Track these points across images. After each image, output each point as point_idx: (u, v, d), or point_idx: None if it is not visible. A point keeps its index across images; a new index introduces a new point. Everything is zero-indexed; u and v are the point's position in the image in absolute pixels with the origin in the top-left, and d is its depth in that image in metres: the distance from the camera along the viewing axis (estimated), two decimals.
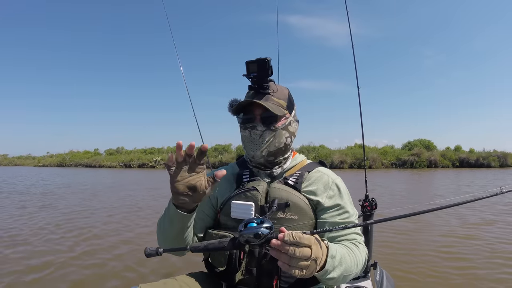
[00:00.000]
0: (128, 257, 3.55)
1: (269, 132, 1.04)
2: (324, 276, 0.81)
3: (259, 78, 1.04)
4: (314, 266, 0.74)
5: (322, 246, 0.78)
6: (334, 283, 0.88)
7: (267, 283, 1.00)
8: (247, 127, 1.06)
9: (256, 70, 1.03)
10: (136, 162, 32.73)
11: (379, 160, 24.15)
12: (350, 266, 0.89)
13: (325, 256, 0.80)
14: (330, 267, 0.81)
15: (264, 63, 1.01)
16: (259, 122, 1.04)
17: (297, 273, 0.71)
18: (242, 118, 1.07)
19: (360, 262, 0.95)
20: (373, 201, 1.97)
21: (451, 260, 3.33)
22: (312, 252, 0.73)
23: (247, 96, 1.09)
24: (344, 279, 0.89)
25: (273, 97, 1.05)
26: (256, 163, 1.10)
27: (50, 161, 40.55)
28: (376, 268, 1.79)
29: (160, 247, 0.80)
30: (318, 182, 1.07)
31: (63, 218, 5.67)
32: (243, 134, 1.09)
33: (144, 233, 4.62)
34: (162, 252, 0.79)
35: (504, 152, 24.78)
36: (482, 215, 5.59)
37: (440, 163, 24.13)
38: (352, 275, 0.91)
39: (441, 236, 4.26)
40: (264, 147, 1.04)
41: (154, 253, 0.78)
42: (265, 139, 1.04)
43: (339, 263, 0.84)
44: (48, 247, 3.93)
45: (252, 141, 1.05)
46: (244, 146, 1.10)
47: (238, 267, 1.00)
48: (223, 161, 26.88)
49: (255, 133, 1.04)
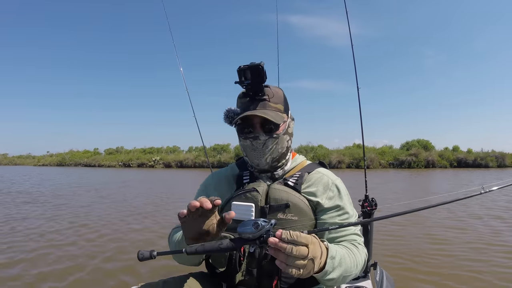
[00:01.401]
0: (128, 256, 3.55)
1: (272, 140, 1.03)
2: (324, 277, 0.81)
3: (253, 85, 0.99)
4: (312, 266, 0.74)
5: (321, 246, 0.78)
6: (333, 284, 0.88)
7: (267, 283, 0.99)
8: (248, 137, 1.03)
9: (249, 77, 0.97)
10: (135, 161, 32.76)
11: (377, 160, 24.22)
12: (350, 267, 0.89)
13: (325, 257, 0.79)
14: (330, 268, 0.81)
15: (258, 69, 0.95)
16: (260, 131, 1.02)
17: (294, 273, 0.71)
18: (241, 127, 1.05)
19: (360, 263, 0.95)
20: (373, 201, 1.97)
21: (452, 260, 3.33)
22: (309, 251, 0.72)
23: (242, 104, 1.05)
24: (343, 279, 0.89)
25: (270, 103, 1.02)
26: (260, 170, 1.09)
27: (50, 161, 40.62)
28: (376, 268, 1.79)
29: (154, 250, 0.76)
30: (318, 183, 1.07)
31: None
32: (243, 143, 1.06)
33: (143, 232, 4.62)
34: (156, 256, 0.75)
35: (502, 153, 24.89)
36: (489, 218, 5.59)
37: (438, 163, 24.22)
38: (351, 275, 0.91)
39: (441, 237, 4.27)
40: (267, 154, 1.03)
41: (147, 256, 0.74)
42: (268, 147, 1.03)
43: (338, 264, 0.84)
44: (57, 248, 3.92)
45: (254, 150, 1.03)
46: (245, 154, 1.08)
47: (239, 267, 1.00)
48: (221, 160, 26.87)
49: (258, 142, 1.02)
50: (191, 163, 29.85)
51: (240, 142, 1.08)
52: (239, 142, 1.09)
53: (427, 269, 3.08)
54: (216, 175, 1.20)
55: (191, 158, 30.28)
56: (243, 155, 1.10)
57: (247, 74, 0.97)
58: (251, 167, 1.12)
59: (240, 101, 1.06)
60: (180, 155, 32.55)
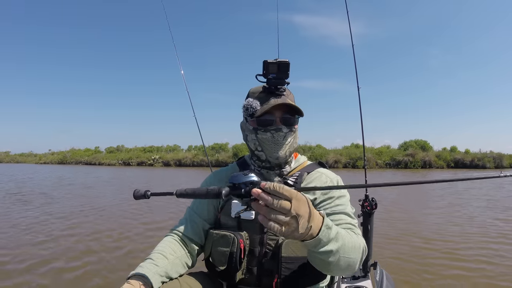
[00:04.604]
0: (127, 256, 3.53)
1: (291, 133, 1.06)
2: (318, 247, 0.75)
3: (278, 79, 1.03)
4: (295, 225, 0.66)
5: (311, 208, 0.70)
6: (332, 264, 0.80)
7: (267, 282, 1.00)
8: (269, 130, 1.04)
9: (276, 71, 1.01)
10: (135, 160, 32.87)
11: (373, 160, 24.26)
12: (348, 246, 0.82)
13: (319, 224, 0.73)
14: (325, 238, 0.74)
15: (286, 65, 1.00)
16: (281, 124, 1.04)
17: (275, 229, 0.65)
18: (262, 120, 1.04)
19: (358, 247, 0.87)
20: (373, 201, 1.97)
21: (452, 260, 3.34)
22: (292, 207, 0.65)
23: (260, 98, 1.05)
24: (343, 263, 0.82)
25: (288, 99, 1.05)
26: (274, 164, 1.08)
27: (51, 159, 40.73)
28: (376, 268, 1.79)
29: (149, 190, 0.81)
30: (316, 182, 1.09)
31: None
32: (262, 136, 1.05)
33: (146, 232, 4.61)
34: (150, 196, 0.80)
35: (500, 153, 24.92)
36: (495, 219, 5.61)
37: (435, 163, 24.28)
38: (350, 261, 0.84)
39: (441, 237, 4.29)
40: (286, 148, 1.05)
41: (142, 195, 0.80)
42: (287, 140, 1.05)
43: (335, 237, 0.77)
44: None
45: (275, 142, 1.04)
46: (261, 148, 1.06)
47: (239, 266, 1.00)
48: (219, 159, 26.87)
49: (279, 135, 1.04)
50: (189, 162, 29.91)
51: (257, 136, 1.06)
52: (254, 136, 1.07)
53: (427, 269, 3.08)
54: (218, 174, 1.20)
55: (189, 157, 30.37)
56: (256, 150, 1.08)
57: (274, 68, 1.00)
58: (261, 163, 1.10)
59: (259, 96, 1.06)
60: (179, 154, 32.65)
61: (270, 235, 1.02)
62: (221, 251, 1.02)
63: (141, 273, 0.91)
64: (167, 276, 0.98)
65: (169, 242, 1.07)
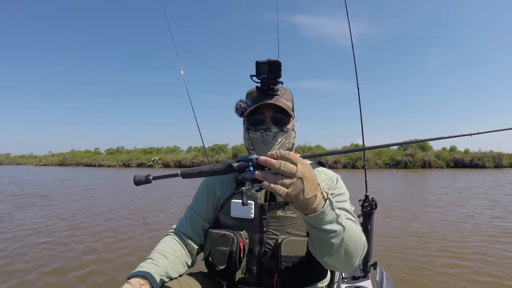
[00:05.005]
0: (128, 256, 3.53)
1: (282, 133, 1.05)
2: (322, 223, 0.75)
3: (269, 79, 1.03)
4: (301, 186, 0.67)
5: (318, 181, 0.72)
6: (333, 247, 0.79)
7: (267, 281, 1.00)
8: (258, 129, 1.05)
9: (267, 71, 1.01)
10: (135, 161, 32.88)
11: (373, 160, 24.26)
12: (351, 234, 0.82)
13: (323, 196, 0.74)
14: (329, 214, 0.75)
15: (276, 64, 1.00)
16: (271, 123, 1.04)
17: (282, 192, 0.66)
18: (252, 119, 1.06)
19: (360, 239, 0.86)
20: (373, 201, 1.97)
21: (453, 260, 3.34)
22: (297, 170, 0.67)
23: (253, 97, 1.07)
24: (343, 251, 0.81)
25: (282, 98, 1.05)
26: None
27: (51, 160, 40.82)
28: (376, 268, 1.79)
29: (150, 175, 0.79)
30: None
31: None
32: (253, 135, 1.06)
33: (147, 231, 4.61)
34: (152, 180, 0.78)
35: (500, 153, 24.89)
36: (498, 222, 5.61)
37: (434, 163, 24.28)
38: (351, 252, 0.82)
39: (442, 237, 4.28)
40: (277, 148, 1.05)
41: (143, 181, 0.78)
42: (277, 140, 1.04)
43: (339, 216, 0.78)
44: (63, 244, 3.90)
45: (264, 142, 1.04)
46: (253, 148, 1.07)
47: (238, 265, 1.00)
48: (219, 160, 26.86)
49: (268, 135, 1.04)
50: (189, 163, 29.91)
51: (249, 135, 1.08)
52: (247, 135, 1.09)
53: (427, 268, 3.08)
54: None
55: (189, 158, 30.39)
56: (249, 149, 1.09)
57: (264, 68, 1.01)
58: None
59: (252, 95, 1.08)
60: (179, 155, 32.67)
61: (270, 234, 1.01)
62: (220, 251, 1.01)
63: (141, 273, 0.91)
64: (167, 276, 0.98)
65: (169, 242, 1.07)
